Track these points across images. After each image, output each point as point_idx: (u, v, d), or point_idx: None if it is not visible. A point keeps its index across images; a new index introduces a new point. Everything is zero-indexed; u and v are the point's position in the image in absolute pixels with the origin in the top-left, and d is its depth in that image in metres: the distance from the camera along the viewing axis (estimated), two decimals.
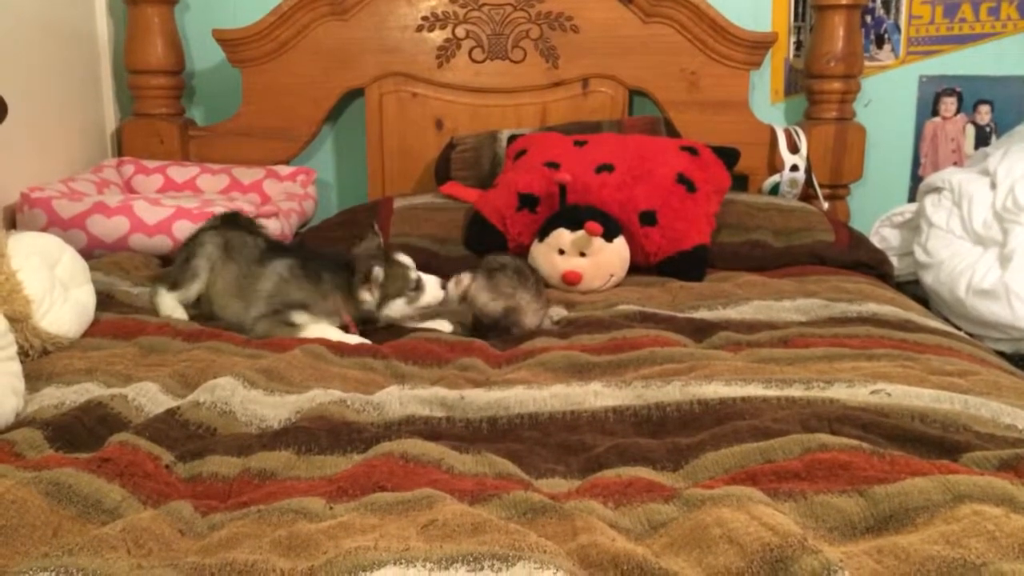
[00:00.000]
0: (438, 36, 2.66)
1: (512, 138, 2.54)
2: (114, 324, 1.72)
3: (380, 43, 2.66)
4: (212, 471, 1.14)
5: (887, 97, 2.79)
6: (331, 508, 1.04)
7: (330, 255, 1.89)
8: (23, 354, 1.53)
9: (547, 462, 1.20)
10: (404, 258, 1.82)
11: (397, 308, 1.80)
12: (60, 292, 1.63)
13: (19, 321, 1.55)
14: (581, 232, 2.07)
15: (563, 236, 2.09)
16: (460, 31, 2.66)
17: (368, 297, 1.78)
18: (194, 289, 1.87)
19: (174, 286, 1.87)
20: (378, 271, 1.76)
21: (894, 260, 2.49)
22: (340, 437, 1.23)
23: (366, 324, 1.83)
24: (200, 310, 1.90)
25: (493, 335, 1.79)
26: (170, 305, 1.86)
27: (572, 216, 2.11)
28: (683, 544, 0.96)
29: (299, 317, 1.77)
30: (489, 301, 1.81)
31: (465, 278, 1.82)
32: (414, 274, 1.80)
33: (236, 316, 1.82)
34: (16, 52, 2.22)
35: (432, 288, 1.81)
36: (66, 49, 2.49)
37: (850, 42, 2.61)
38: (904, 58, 2.78)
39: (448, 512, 0.98)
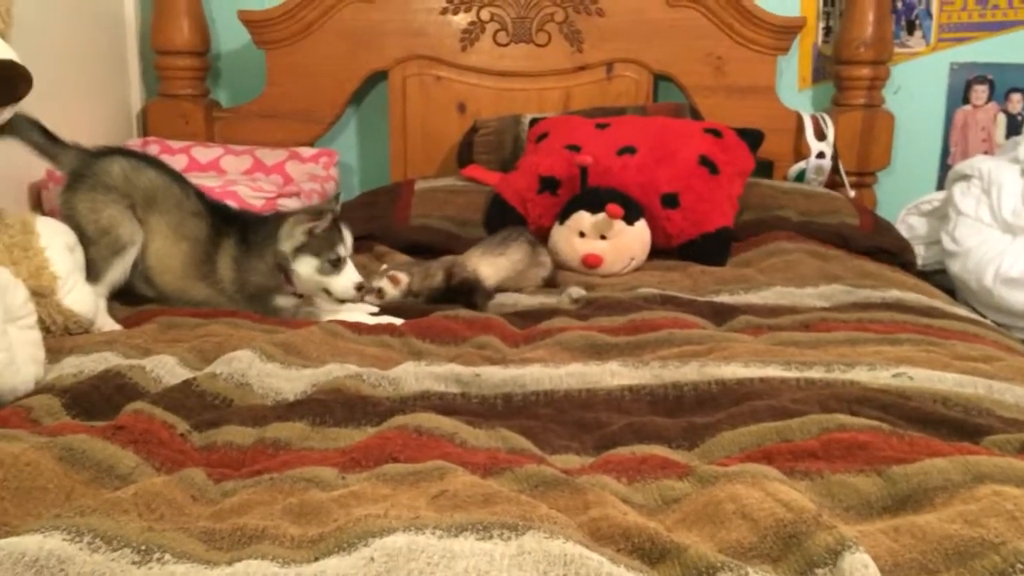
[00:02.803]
0: (463, 19, 2.65)
1: (534, 121, 2.52)
2: (128, 319, 1.71)
3: (405, 25, 2.65)
4: (227, 440, 1.14)
5: (917, 84, 2.74)
6: (343, 478, 1.04)
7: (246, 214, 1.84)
8: (45, 330, 1.55)
9: (561, 439, 1.19)
10: (347, 234, 1.71)
11: (306, 265, 1.69)
12: (80, 275, 1.66)
13: (44, 296, 1.56)
14: (602, 215, 2.05)
15: (583, 219, 2.08)
16: (484, 14, 2.64)
17: (294, 240, 1.68)
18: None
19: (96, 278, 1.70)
20: (323, 221, 1.67)
21: (920, 249, 2.45)
22: (355, 410, 1.23)
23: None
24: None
25: (461, 300, 1.81)
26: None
27: (593, 199, 2.10)
28: (696, 519, 0.95)
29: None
30: (421, 282, 1.86)
31: (401, 276, 1.84)
32: (344, 252, 1.69)
33: (205, 298, 1.77)
34: (43, 32, 2.23)
35: (344, 282, 1.69)
36: (93, 29, 2.51)
37: (880, 28, 2.57)
38: (935, 45, 2.73)
39: (459, 483, 0.98)
